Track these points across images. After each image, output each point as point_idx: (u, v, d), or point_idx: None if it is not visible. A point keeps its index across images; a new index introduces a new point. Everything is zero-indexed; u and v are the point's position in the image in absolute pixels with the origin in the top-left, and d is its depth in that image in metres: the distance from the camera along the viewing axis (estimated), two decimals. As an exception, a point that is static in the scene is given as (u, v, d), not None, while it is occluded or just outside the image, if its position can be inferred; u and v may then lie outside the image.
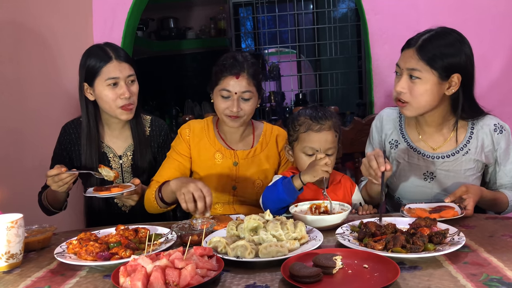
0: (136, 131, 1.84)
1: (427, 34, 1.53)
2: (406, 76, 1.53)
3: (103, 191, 1.60)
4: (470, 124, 1.63)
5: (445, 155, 1.62)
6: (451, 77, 1.51)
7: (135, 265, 0.98)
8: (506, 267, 1.00)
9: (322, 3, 4.62)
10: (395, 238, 1.11)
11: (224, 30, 4.67)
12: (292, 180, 1.47)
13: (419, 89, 1.51)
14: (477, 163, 1.61)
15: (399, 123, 1.72)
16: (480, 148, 1.60)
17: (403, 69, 1.53)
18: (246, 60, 1.66)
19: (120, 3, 2.66)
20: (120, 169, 1.85)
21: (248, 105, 1.66)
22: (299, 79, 5.05)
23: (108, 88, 1.70)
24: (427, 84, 1.50)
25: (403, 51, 1.56)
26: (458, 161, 1.61)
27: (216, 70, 1.68)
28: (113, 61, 1.70)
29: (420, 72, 1.50)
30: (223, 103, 1.66)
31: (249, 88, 1.64)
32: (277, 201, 1.47)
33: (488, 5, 2.44)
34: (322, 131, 1.55)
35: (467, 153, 1.60)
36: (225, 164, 1.74)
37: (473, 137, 1.61)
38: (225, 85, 1.64)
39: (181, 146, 1.75)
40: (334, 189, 1.62)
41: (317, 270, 0.96)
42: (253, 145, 1.79)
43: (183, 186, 1.44)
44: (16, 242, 1.17)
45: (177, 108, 4.53)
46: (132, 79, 1.75)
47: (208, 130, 1.78)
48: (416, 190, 1.67)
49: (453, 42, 1.51)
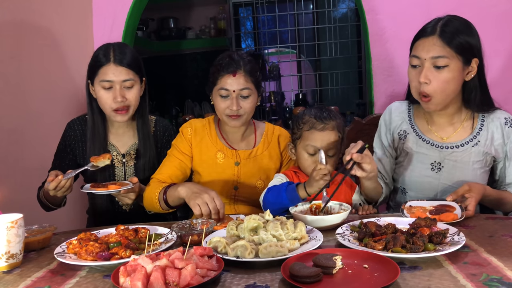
0: (142, 131, 1.83)
1: (441, 20, 1.50)
2: (429, 66, 1.48)
3: (100, 187, 1.60)
4: (481, 116, 1.62)
5: (454, 145, 1.60)
6: (472, 61, 1.49)
7: (135, 265, 0.98)
8: (506, 267, 1.00)
9: (322, 3, 4.62)
10: (395, 238, 1.11)
11: (224, 30, 4.67)
12: (297, 189, 1.46)
13: (446, 78, 1.47)
14: (486, 156, 1.60)
15: (408, 114, 1.71)
16: (490, 141, 1.59)
17: (425, 59, 1.48)
18: (242, 58, 1.66)
19: (120, 3, 2.66)
20: (122, 168, 1.85)
21: (247, 103, 1.66)
22: (299, 79, 5.04)
23: (103, 90, 1.71)
24: (454, 71, 1.47)
25: (419, 41, 1.51)
26: (467, 152, 1.59)
27: (213, 70, 1.69)
28: (110, 64, 1.69)
29: (447, 59, 1.46)
30: (222, 102, 1.66)
31: (247, 85, 1.65)
32: (279, 206, 1.48)
33: (488, 5, 2.44)
34: (326, 131, 1.56)
35: (477, 145, 1.59)
36: (227, 164, 1.74)
37: (484, 129, 1.60)
38: (222, 84, 1.64)
39: (183, 145, 1.75)
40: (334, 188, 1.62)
41: (317, 270, 0.96)
42: (255, 145, 1.79)
43: (196, 196, 1.45)
44: (16, 242, 1.17)
45: (177, 108, 4.52)
46: (129, 84, 1.72)
47: (209, 129, 1.78)
48: (422, 180, 1.65)
49: (467, 24, 1.51)
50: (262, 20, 4.80)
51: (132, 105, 1.75)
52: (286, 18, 4.78)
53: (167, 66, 4.83)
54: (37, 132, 2.25)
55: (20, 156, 2.15)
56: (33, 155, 2.18)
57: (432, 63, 1.48)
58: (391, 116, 1.74)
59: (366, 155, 1.42)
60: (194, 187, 1.51)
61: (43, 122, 2.28)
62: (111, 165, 1.83)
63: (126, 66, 1.71)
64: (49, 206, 1.78)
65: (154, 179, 1.71)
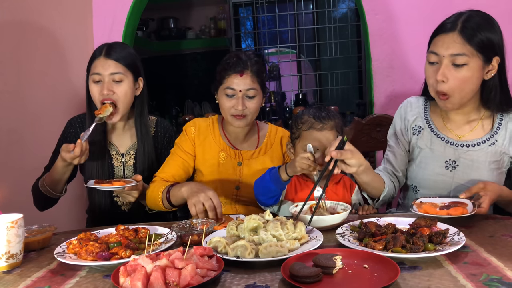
0: (140, 131, 1.83)
1: (463, 16, 1.44)
2: (448, 63, 1.43)
3: (105, 184, 1.60)
4: (499, 115, 1.56)
5: (470, 144, 1.55)
6: (493, 59, 1.44)
7: (135, 265, 0.98)
8: (506, 267, 1.00)
9: (322, 3, 4.62)
10: (395, 238, 1.11)
11: (224, 30, 4.67)
12: (279, 171, 1.50)
13: (464, 77, 1.42)
14: (503, 156, 1.55)
15: (424, 109, 1.67)
16: (508, 141, 1.54)
17: (444, 56, 1.43)
18: (250, 58, 1.66)
19: (120, 3, 2.66)
20: (122, 167, 1.85)
21: (253, 103, 1.67)
22: (299, 79, 5.05)
23: (93, 83, 1.73)
24: (473, 70, 1.42)
25: (438, 36, 1.46)
26: (483, 151, 1.54)
27: (219, 69, 1.69)
28: (100, 58, 1.72)
29: (466, 57, 1.41)
30: (228, 102, 1.66)
31: (253, 86, 1.65)
32: (266, 190, 1.52)
33: (488, 5, 2.44)
34: (324, 130, 1.55)
35: (494, 144, 1.54)
36: (229, 163, 1.74)
37: (502, 128, 1.55)
38: (229, 84, 1.65)
39: (186, 144, 1.75)
40: (333, 189, 1.62)
41: (317, 270, 0.96)
42: (257, 145, 1.80)
43: (193, 195, 1.45)
44: (16, 242, 1.17)
45: (177, 108, 4.52)
46: (118, 78, 1.72)
47: (213, 128, 1.79)
48: (436, 178, 1.60)
49: (490, 20, 1.44)
50: (262, 20, 4.80)
51: (120, 101, 1.73)
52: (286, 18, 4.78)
53: (167, 66, 4.83)
54: (37, 132, 2.25)
55: (19, 157, 2.15)
56: (32, 155, 2.18)
57: (450, 61, 1.43)
58: (406, 110, 1.70)
59: (347, 150, 1.38)
60: (195, 187, 1.51)
61: (42, 122, 2.28)
62: (111, 164, 1.84)
63: (115, 59, 1.72)
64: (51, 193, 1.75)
65: (158, 177, 1.72)
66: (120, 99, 1.74)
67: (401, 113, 1.72)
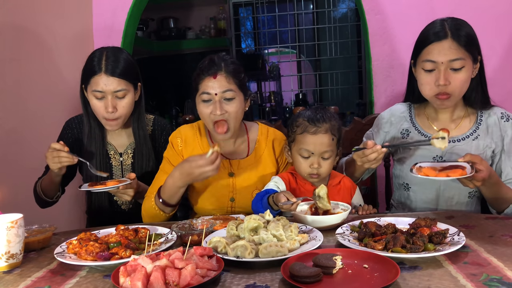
0: (138, 135, 1.83)
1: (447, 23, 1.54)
2: (446, 68, 1.52)
3: (98, 185, 1.60)
4: (479, 112, 1.66)
5: (456, 139, 1.63)
6: (478, 58, 1.55)
7: (135, 265, 0.98)
8: (506, 267, 1.00)
9: (322, 3, 4.63)
10: (395, 238, 1.11)
11: (224, 30, 4.67)
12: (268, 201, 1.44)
13: (463, 78, 1.52)
14: (486, 150, 1.62)
15: (409, 114, 1.75)
16: (490, 135, 1.62)
17: (442, 62, 1.51)
18: (223, 59, 1.58)
19: (120, 3, 2.66)
20: (120, 167, 1.85)
21: (232, 107, 1.56)
22: (299, 79, 5.05)
23: (95, 99, 1.70)
24: (469, 70, 1.53)
25: (432, 45, 1.53)
26: (468, 145, 1.62)
27: (194, 76, 1.61)
28: (101, 75, 1.66)
29: (463, 61, 1.51)
30: (205, 108, 1.57)
31: (229, 87, 1.55)
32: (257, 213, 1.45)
33: (487, 5, 2.44)
34: (318, 134, 1.53)
35: (477, 138, 1.62)
36: (220, 175, 1.64)
37: (482, 123, 1.64)
38: (204, 88, 1.56)
39: (174, 158, 1.68)
40: (334, 190, 1.62)
41: (317, 270, 0.96)
42: (248, 152, 1.71)
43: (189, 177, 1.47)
44: (16, 242, 1.17)
45: (177, 108, 4.52)
46: (121, 95, 1.70)
47: (200, 137, 1.71)
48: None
49: (467, 24, 1.56)
50: (262, 20, 4.81)
51: (123, 115, 1.73)
52: (286, 18, 4.78)
53: (167, 66, 4.83)
54: (37, 132, 2.25)
55: (19, 157, 2.15)
56: (32, 155, 2.17)
57: (449, 66, 1.51)
58: (392, 115, 1.76)
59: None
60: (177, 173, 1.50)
61: (42, 122, 2.28)
62: (109, 164, 1.84)
63: (118, 76, 1.67)
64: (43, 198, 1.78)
65: (149, 193, 1.66)
66: (122, 114, 1.73)
67: (385, 116, 1.79)
